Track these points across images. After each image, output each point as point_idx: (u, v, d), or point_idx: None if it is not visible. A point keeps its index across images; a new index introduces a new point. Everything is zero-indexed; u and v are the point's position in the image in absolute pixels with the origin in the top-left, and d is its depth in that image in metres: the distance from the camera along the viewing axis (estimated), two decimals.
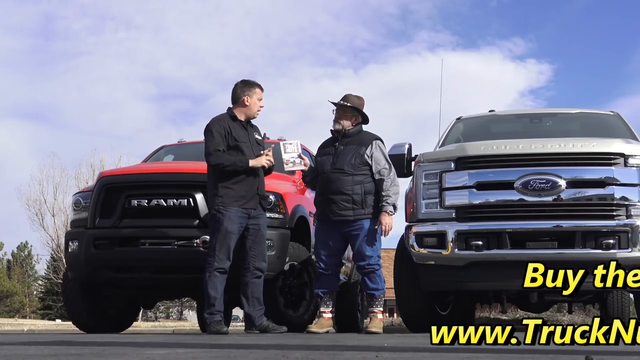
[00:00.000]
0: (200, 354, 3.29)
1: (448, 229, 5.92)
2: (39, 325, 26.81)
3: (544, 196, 5.77)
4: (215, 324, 5.72)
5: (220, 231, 5.76)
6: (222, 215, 5.76)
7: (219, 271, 5.75)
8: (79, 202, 6.94)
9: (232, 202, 5.79)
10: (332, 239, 6.14)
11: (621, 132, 7.12)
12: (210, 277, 5.74)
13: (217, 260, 5.74)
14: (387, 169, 6.11)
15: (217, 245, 5.77)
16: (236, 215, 5.80)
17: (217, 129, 5.91)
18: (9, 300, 57.28)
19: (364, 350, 3.40)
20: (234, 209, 5.79)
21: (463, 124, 8.00)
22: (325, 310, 6.23)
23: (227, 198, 5.79)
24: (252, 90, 6.04)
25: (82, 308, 7.15)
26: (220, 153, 5.85)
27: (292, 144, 6.27)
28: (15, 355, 3.12)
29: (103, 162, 39.00)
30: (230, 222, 5.76)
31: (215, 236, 5.79)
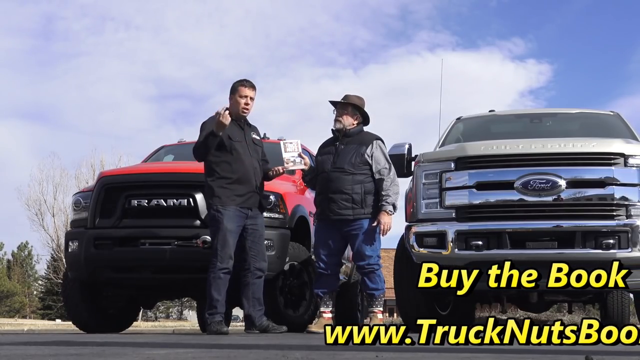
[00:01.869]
0: (200, 354, 3.29)
1: (448, 229, 5.92)
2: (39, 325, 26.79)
3: (544, 196, 5.77)
4: (216, 324, 5.72)
5: (220, 230, 5.76)
6: (221, 214, 5.76)
7: (223, 272, 5.73)
8: (79, 202, 6.94)
9: (229, 202, 5.80)
10: (332, 238, 6.14)
11: (621, 132, 7.12)
12: (215, 279, 5.72)
13: (220, 260, 5.72)
14: (387, 168, 6.12)
15: (218, 245, 5.76)
16: (235, 214, 5.80)
17: (207, 127, 5.92)
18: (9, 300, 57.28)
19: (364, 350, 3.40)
20: (232, 208, 5.79)
21: (463, 124, 8.00)
22: (325, 310, 6.23)
23: (224, 198, 5.80)
24: (235, 89, 6.05)
25: (82, 308, 7.15)
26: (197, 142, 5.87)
27: (292, 143, 6.27)
28: (15, 355, 3.12)
29: (103, 162, 38.99)
30: (229, 221, 5.76)
31: (216, 236, 5.78)
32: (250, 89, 6.04)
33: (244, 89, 6.02)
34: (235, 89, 6.05)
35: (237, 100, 6.02)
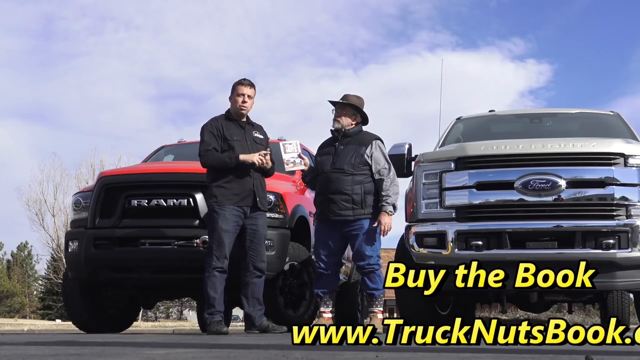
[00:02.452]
0: (200, 354, 3.29)
1: (448, 229, 5.91)
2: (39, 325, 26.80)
3: (544, 196, 5.77)
4: (216, 324, 5.72)
5: (216, 230, 5.79)
6: (217, 214, 5.80)
7: (218, 271, 5.76)
8: (79, 202, 6.94)
9: (225, 201, 5.81)
10: (332, 238, 6.14)
11: (621, 132, 7.11)
12: (210, 277, 5.75)
13: (215, 259, 5.76)
14: (387, 168, 6.12)
15: (214, 245, 5.80)
16: (231, 213, 5.81)
17: (208, 129, 5.96)
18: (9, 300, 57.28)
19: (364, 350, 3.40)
20: (228, 207, 5.80)
21: (463, 124, 8.00)
22: (325, 310, 6.23)
23: (220, 197, 5.82)
24: (233, 88, 6.09)
25: (82, 308, 7.16)
26: (211, 153, 5.88)
27: (291, 144, 6.27)
28: (15, 355, 3.12)
29: (103, 162, 38.99)
30: (224, 221, 5.78)
31: (212, 236, 5.83)
32: (247, 87, 6.06)
33: (241, 87, 6.05)
34: (233, 89, 6.09)
35: (235, 99, 6.06)
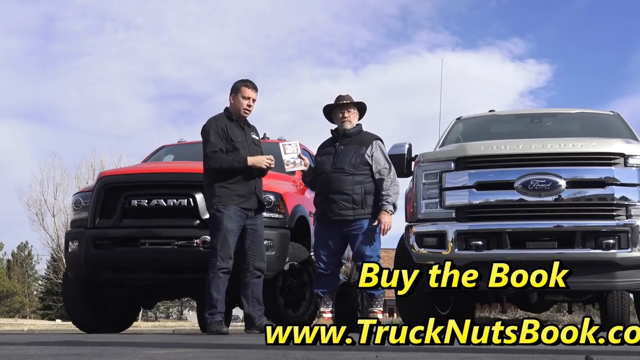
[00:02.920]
0: (200, 354, 3.29)
1: (448, 229, 5.91)
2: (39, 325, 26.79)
3: (544, 196, 5.77)
4: (216, 324, 5.72)
5: (220, 230, 5.75)
6: (222, 214, 5.76)
7: (223, 272, 5.73)
8: (79, 202, 6.94)
9: (230, 202, 5.79)
10: (332, 238, 6.14)
11: (621, 132, 7.11)
12: (214, 279, 5.71)
13: (220, 260, 5.72)
14: (387, 168, 6.12)
15: (218, 245, 5.75)
16: (235, 214, 5.80)
17: (214, 129, 5.90)
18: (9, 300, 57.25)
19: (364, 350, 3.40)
20: (232, 207, 5.79)
21: (463, 124, 8.00)
22: (325, 310, 6.23)
23: (224, 198, 5.79)
24: (237, 89, 6.04)
25: (82, 308, 7.16)
26: (218, 154, 5.84)
27: (291, 144, 6.26)
28: (15, 355, 3.12)
29: (103, 162, 38.93)
30: (230, 221, 5.76)
31: (216, 236, 5.77)
32: (253, 90, 6.05)
33: (247, 89, 6.02)
34: (237, 89, 6.03)
35: (239, 100, 6.01)
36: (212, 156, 5.84)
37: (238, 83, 6.06)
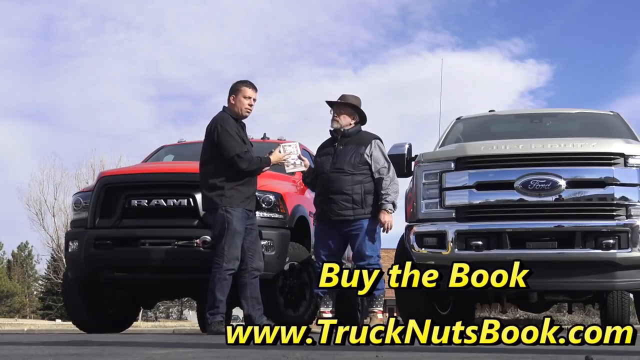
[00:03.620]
0: (200, 354, 3.29)
1: (448, 229, 5.92)
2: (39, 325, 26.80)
3: (544, 196, 5.77)
4: (216, 324, 5.72)
5: (229, 231, 5.70)
6: (231, 215, 5.71)
7: (229, 273, 5.70)
8: (79, 202, 6.94)
9: (238, 203, 5.78)
10: (332, 238, 6.14)
11: (621, 132, 7.11)
12: (220, 280, 5.67)
13: (227, 261, 5.67)
14: (387, 167, 6.12)
15: (226, 245, 5.69)
16: (242, 215, 5.79)
17: (233, 130, 5.83)
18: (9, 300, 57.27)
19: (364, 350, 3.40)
20: (239, 209, 5.78)
21: (463, 124, 8.00)
22: (325, 310, 6.23)
23: (233, 199, 5.76)
24: (238, 89, 6.01)
25: (82, 308, 7.16)
26: (249, 155, 5.80)
27: (290, 145, 6.26)
28: (15, 355, 3.12)
29: (103, 162, 38.92)
30: (238, 222, 5.74)
31: (225, 236, 5.70)
32: (254, 90, 6.04)
33: (248, 90, 6.00)
34: (238, 90, 6.01)
35: (241, 100, 5.98)
36: (245, 156, 5.76)
37: (238, 84, 6.05)
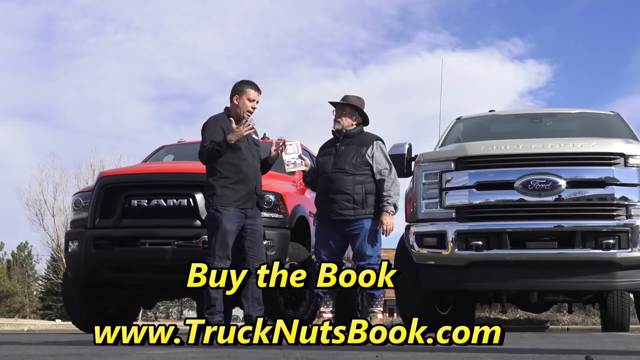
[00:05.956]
0: (200, 354, 3.29)
1: (448, 229, 5.92)
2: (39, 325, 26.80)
3: (544, 196, 5.77)
4: (216, 324, 5.71)
5: (219, 230, 5.72)
6: (221, 214, 5.73)
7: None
8: (79, 202, 6.94)
9: (230, 202, 5.77)
10: (332, 238, 6.13)
11: (621, 132, 7.12)
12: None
13: (217, 260, 5.70)
14: (388, 169, 6.11)
15: (216, 244, 5.73)
16: (234, 214, 5.78)
17: (212, 127, 5.84)
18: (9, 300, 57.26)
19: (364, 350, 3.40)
20: (231, 208, 5.77)
21: (463, 124, 8.00)
22: (325, 310, 6.22)
23: (225, 198, 5.76)
24: (242, 90, 5.97)
25: (82, 308, 7.16)
26: (203, 148, 5.81)
27: (291, 145, 6.25)
28: (15, 355, 3.12)
29: (103, 162, 38.90)
30: (228, 221, 5.74)
31: (215, 235, 5.74)
32: (258, 92, 6.00)
33: (252, 91, 5.96)
34: (242, 91, 5.97)
35: (244, 102, 5.95)
36: (202, 149, 5.80)
37: (242, 84, 6.01)
